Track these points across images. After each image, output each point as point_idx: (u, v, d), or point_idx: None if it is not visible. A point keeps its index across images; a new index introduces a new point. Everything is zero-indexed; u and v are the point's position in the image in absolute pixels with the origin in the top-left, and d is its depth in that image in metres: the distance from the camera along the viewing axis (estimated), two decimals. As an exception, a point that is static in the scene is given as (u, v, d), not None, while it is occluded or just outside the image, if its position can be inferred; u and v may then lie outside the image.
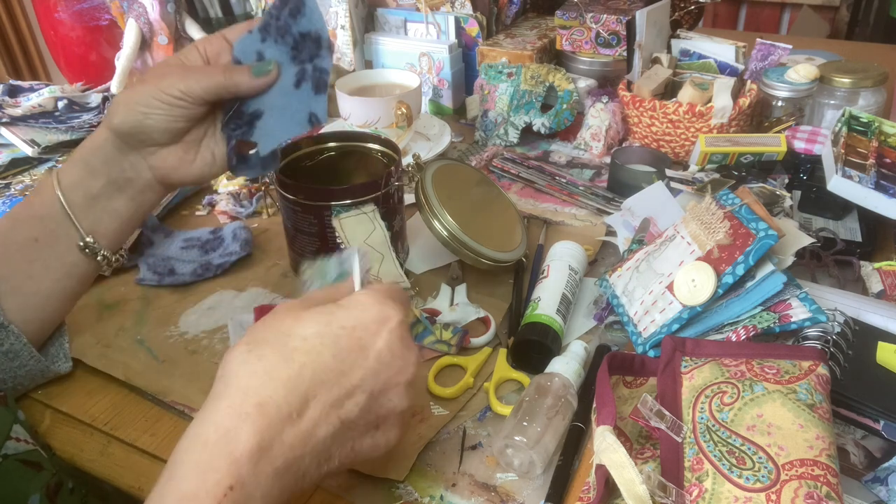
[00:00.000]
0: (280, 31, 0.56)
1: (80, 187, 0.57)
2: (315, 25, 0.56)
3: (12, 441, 0.51)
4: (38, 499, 0.51)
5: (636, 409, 0.49)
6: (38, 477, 0.52)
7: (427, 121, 1.06)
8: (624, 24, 1.01)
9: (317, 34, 0.57)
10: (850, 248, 0.72)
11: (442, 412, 0.58)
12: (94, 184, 0.57)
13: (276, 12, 0.56)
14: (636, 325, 0.61)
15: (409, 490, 0.52)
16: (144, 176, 0.58)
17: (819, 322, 0.56)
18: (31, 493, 0.51)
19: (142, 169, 0.58)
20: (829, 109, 0.92)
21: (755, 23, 2.60)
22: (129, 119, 0.55)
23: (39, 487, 0.51)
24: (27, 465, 0.52)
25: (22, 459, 0.52)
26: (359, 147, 0.77)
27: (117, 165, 0.57)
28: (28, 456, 0.52)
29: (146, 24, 1.05)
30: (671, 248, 0.63)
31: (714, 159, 0.84)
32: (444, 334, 0.64)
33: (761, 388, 0.47)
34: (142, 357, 0.66)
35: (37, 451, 0.53)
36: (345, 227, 0.67)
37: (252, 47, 0.57)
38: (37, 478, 0.52)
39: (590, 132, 0.99)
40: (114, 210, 0.58)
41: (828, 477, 0.42)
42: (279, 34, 0.56)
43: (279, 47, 0.56)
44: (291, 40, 0.56)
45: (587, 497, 0.48)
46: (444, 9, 1.11)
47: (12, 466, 0.51)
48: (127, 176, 0.58)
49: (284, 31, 0.56)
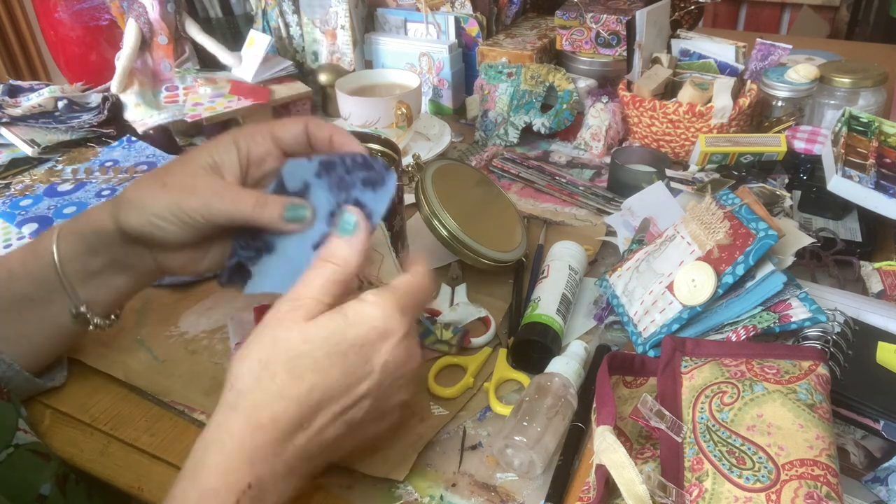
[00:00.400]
0: (341, 183, 0.50)
1: (79, 261, 0.55)
2: (375, 208, 0.49)
3: (21, 432, 0.52)
4: (49, 487, 0.51)
5: (636, 409, 0.49)
6: (47, 467, 0.52)
7: (427, 121, 1.06)
8: (624, 24, 1.01)
9: (370, 213, 0.49)
10: (850, 248, 0.72)
11: (442, 412, 0.58)
12: (94, 261, 0.55)
13: (349, 164, 0.50)
14: (636, 325, 0.61)
15: (409, 490, 0.52)
16: (148, 264, 0.56)
17: (819, 322, 0.56)
18: (42, 482, 0.51)
19: (147, 260, 0.55)
20: (829, 109, 0.92)
21: (755, 23, 2.60)
22: (138, 226, 0.52)
23: (50, 476, 0.52)
24: (36, 454, 0.52)
25: (32, 450, 0.52)
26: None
27: (121, 251, 0.55)
28: (36, 447, 0.53)
29: (146, 24, 1.05)
30: (671, 248, 0.63)
31: (714, 159, 0.84)
32: (445, 334, 0.64)
33: (761, 388, 0.47)
34: (142, 357, 0.66)
35: (43, 443, 0.53)
36: (345, 227, 0.67)
37: (302, 175, 0.51)
38: (46, 468, 0.52)
39: (590, 132, 0.99)
40: (113, 286, 0.57)
41: (828, 477, 0.42)
42: (338, 185, 0.50)
43: (328, 195, 0.50)
44: (344, 199, 0.50)
45: (587, 497, 0.48)
46: (444, 9, 1.11)
47: (24, 456, 0.51)
48: (130, 262, 0.56)
49: (345, 187, 0.50)
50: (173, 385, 0.62)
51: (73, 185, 0.89)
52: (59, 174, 0.93)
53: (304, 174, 0.52)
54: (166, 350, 0.66)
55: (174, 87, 1.06)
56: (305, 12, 1.17)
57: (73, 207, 0.84)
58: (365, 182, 0.50)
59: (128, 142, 0.98)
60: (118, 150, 0.97)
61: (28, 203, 0.85)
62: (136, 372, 0.63)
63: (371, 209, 0.49)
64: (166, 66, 1.08)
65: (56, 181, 0.91)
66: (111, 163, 0.94)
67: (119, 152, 0.97)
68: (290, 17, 1.18)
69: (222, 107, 1.01)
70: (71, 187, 0.89)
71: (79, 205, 0.85)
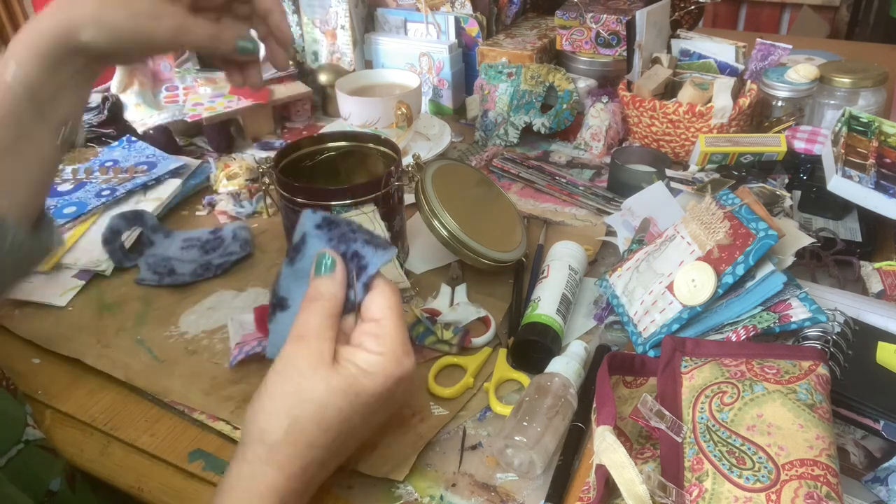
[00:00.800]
0: (343, 237, 0.52)
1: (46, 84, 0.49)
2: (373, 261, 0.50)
3: (30, 428, 0.52)
4: (58, 483, 0.51)
5: (636, 409, 0.49)
6: (57, 462, 0.52)
7: (427, 121, 1.06)
8: (624, 24, 1.01)
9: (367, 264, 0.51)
10: (850, 248, 0.72)
11: (442, 412, 0.58)
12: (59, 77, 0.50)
13: (355, 227, 0.52)
14: (636, 325, 0.61)
15: (409, 490, 0.52)
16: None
17: (819, 322, 0.56)
18: (52, 477, 0.51)
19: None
20: (829, 109, 0.92)
21: (755, 23, 2.60)
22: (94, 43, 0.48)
23: (60, 471, 0.52)
24: (46, 450, 0.53)
25: (41, 445, 0.52)
26: (359, 147, 0.77)
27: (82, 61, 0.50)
28: (45, 443, 0.53)
29: (146, 24, 1.05)
30: (671, 248, 0.63)
31: (714, 159, 0.84)
32: (445, 334, 0.64)
33: (761, 388, 0.47)
34: (142, 357, 0.66)
35: (49, 440, 0.54)
36: (345, 227, 0.67)
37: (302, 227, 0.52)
38: (56, 463, 0.52)
39: (590, 132, 0.99)
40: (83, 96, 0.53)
41: (828, 477, 0.42)
42: (339, 238, 0.52)
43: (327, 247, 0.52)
44: (343, 251, 0.51)
45: (587, 497, 0.48)
46: (444, 9, 1.11)
47: (34, 451, 0.51)
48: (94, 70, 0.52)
49: (346, 241, 0.51)
50: (173, 385, 0.62)
51: (73, 185, 0.89)
52: (59, 174, 0.93)
53: (305, 226, 0.53)
54: (166, 350, 0.66)
55: (174, 87, 1.06)
56: (305, 12, 1.17)
57: (73, 207, 0.84)
58: (367, 242, 0.52)
59: (128, 142, 0.98)
60: (118, 150, 0.97)
61: (28, 203, 0.85)
62: (136, 372, 0.63)
63: (369, 261, 0.51)
64: (166, 66, 1.08)
65: (56, 181, 0.91)
66: (111, 163, 0.94)
67: (119, 152, 0.97)
68: (291, 17, 1.18)
69: (222, 107, 1.01)
70: (71, 187, 0.89)
71: (79, 205, 0.85)
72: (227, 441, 0.57)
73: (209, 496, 0.53)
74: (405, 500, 0.52)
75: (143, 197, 0.89)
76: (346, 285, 0.50)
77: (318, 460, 0.45)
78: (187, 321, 0.70)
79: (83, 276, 0.77)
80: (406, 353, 0.48)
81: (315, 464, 0.45)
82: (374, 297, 0.49)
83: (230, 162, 0.97)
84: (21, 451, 0.50)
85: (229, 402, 0.60)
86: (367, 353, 0.47)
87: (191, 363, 0.65)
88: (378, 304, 0.49)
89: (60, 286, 0.75)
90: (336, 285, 0.49)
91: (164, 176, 0.91)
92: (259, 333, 0.63)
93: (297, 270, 0.52)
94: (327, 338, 0.47)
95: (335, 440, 0.45)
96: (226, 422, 0.58)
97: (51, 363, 0.66)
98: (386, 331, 0.48)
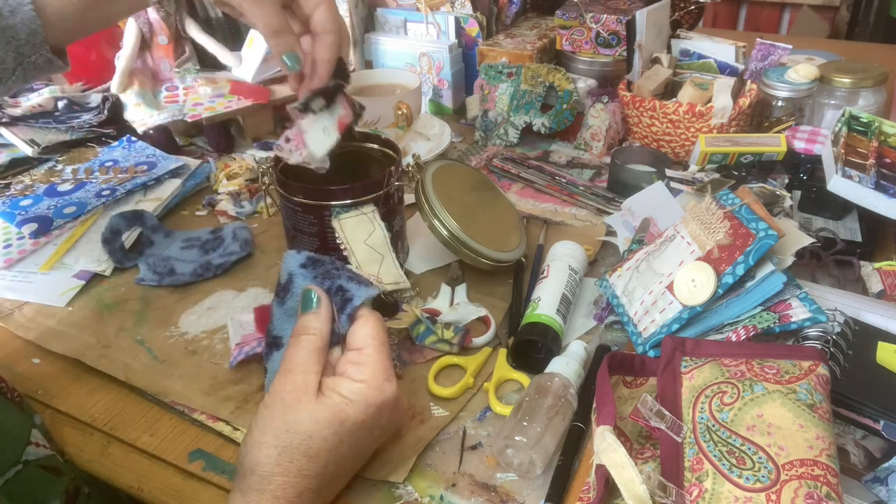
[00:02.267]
0: (327, 274, 0.54)
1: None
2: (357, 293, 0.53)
3: (32, 446, 0.51)
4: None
5: (636, 409, 0.49)
6: (58, 482, 0.52)
7: (427, 121, 1.06)
8: (624, 24, 1.01)
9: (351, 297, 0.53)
10: (850, 248, 0.72)
11: (442, 413, 0.58)
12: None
13: (339, 266, 0.54)
14: (636, 325, 0.61)
15: (409, 490, 0.52)
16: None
17: (819, 322, 0.56)
18: (50, 500, 0.51)
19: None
20: (829, 109, 0.92)
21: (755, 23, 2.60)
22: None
23: (60, 493, 0.52)
24: (47, 470, 0.52)
25: (42, 465, 0.52)
26: (359, 147, 0.77)
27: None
28: (48, 461, 0.52)
29: (146, 24, 1.05)
30: (671, 248, 0.63)
31: (714, 159, 0.84)
32: (446, 333, 0.64)
33: (761, 388, 0.47)
34: (142, 357, 0.66)
35: (55, 457, 0.53)
36: (344, 227, 0.67)
37: (288, 267, 0.55)
38: (57, 483, 0.52)
39: (590, 132, 0.99)
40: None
41: (828, 477, 0.42)
42: (324, 275, 0.54)
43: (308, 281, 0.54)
44: (328, 287, 0.53)
45: (587, 497, 0.48)
46: (444, 9, 1.11)
47: (32, 472, 0.51)
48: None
49: (330, 277, 0.54)
50: (173, 385, 0.62)
51: (73, 185, 0.89)
52: (59, 174, 0.93)
53: (290, 266, 0.55)
54: (166, 350, 0.66)
55: (174, 87, 1.06)
56: (305, 12, 1.17)
57: (73, 207, 0.84)
58: (350, 278, 0.54)
59: (128, 142, 0.98)
60: (118, 150, 0.97)
61: (28, 203, 0.85)
62: (136, 372, 0.63)
63: (353, 294, 0.53)
64: (166, 66, 1.08)
65: (56, 181, 0.91)
66: (111, 163, 0.94)
67: (119, 152, 0.97)
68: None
69: (222, 107, 1.01)
70: (71, 187, 0.89)
71: (79, 205, 0.85)
72: (227, 441, 0.57)
73: (209, 496, 0.53)
74: (405, 499, 0.52)
75: (143, 197, 0.89)
76: (331, 320, 0.52)
77: (311, 488, 0.46)
78: (187, 321, 0.70)
79: (83, 276, 0.77)
80: (387, 378, 0.49)
81: (309, 491, 0.46)
82: (358, 326, 0.52)
83: (230, 162, 0.97)
84: (19, 472, 0.50)
85: (229, 402, 0.60)
86: (350, 381, 0.49)
87: (191, 363, 0.65)
88: (361, 333, 0.51)
89: (60, 286, 0.75)
90: (321, 320, 0.51)
91: (164, 176, 0.91)
92: (259, 334, 0.63)
93: (287, 309, 0.55)
94: (313, 371, 0.49)
95: (325, 468, 0.47)
96: (226, 422, 0.58)
97: (51, 363, 0.66)
98: (368, 359, 0.50)
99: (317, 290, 0.52)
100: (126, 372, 0.63)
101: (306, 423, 0.46)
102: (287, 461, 0.46)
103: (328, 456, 0.47)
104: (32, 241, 0.80)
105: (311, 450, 0.46)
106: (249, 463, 0.46)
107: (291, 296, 0.54)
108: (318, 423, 0.47)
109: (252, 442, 0.47)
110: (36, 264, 0.78)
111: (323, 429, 0.47)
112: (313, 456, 0.46)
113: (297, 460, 0.46)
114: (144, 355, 0.66)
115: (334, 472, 0.48)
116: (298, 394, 0.47)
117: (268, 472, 0.45)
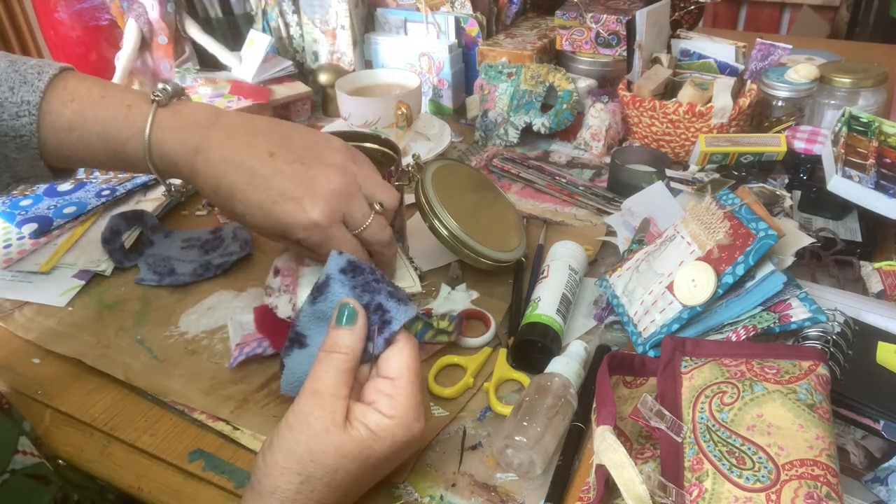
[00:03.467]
0: (367, 286, 0.52)
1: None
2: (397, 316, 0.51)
3: (19, 455, 0.51)
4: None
5: (636, 409, 0.49)
6: (45, 491, 0.51)
7: (427, 121, 1.06)
8: (624, 24, 1.01)
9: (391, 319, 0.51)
10: (850, 248, 0.72)
11: (442, 413, 0.58)
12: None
13: (379, 276, 0.52)
14: (636, 325, 0.61)
15: (409, 490, 0.52)
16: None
17: (819, 322, 0.56)
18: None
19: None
20: (829, 109, 0.92)
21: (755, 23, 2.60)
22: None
23: (47, 502, 0.51)
24: (34, 479, 0.51)
25: (29, 474, 0.51)
26: (359, 147, 0.77)
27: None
28: (35, 470, 0.51)
29: (146, 24, 1.05)
30: (671, 248, 0.63)
31: (714, 159, 0.84)
32: (441, 323, 0.64)
33: (761, 388, 0.47)
34: (142, 357, 0.66)
35: (43, 465, 0.52)
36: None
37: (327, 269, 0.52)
38: (44, 492, 0.51)
39: (590, 132, 0.99)
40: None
41: (828, 477, 0.42)
42: (363, 287, 0.52)
43: (350, 293, 0.52)
44: (367, 302, 0.51)
45: (587, 497, 0.48)
46: (444, 9, 1.11)
47: (19, 482, 0.50)
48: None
49: (370, 290, 0.52)
50: (173, 385, 0.62)
51: (72, 185, 0.89)
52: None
53: (330, 268, 0.52)
54: (166, 350, 0.66)
55: (174, 87, 1.06)
56: (305, 12, 1.17)
57: (73, 207, 0.84)
58: (391, 294, 0.52)
59: (128, 142, 0.98)
60: (118, 150, 0.97)
61: (28, 203, 0.85)
62: (136, 372, 0.63)
63: (393, 316, 0.51)
64: (166, 66, 1.08)
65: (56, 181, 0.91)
66: (111, 163, 0.94)
67: (119, 152, 0.97)
68: (290, 17, 1.18)
69: (222, 107, 1.01)
70: (71, 187, 0.89)
71: (79, 205, 0.85)
72: (227, 441, 0.57)
73: (209, 496, 0.53)
74: (405, 499, 0.52)
75: (143, 197, 0.89)
76: (365, 338, 0.50)
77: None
78: (187, 321, 0.70)
79: (83, 276, 0.77)
80: (417, 417, 0.48)
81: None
82: (394, 352, 0.50)
83: (230, 162, 0.97)
84: (6, 482, 0.49)
85: (229, 402, 0.60)
86: (380, 415, 0.47)
87: (191, 363, 0.65)
88: (396, 361, 0.50)
89: (60, 286, 0.75)
90: (355, 339, 0.50)
91: (164, 176, 0.91)
92: (259, 334, 0.63)
93: (317, 311, 0.53)
94: (341, 395, 0.48)
95: (345, 497, 0.48)
96: (226, 422, 0.58)
97: (51, 363, 0.66)
98: (401, 391, 0.49)
99: (355, 304, 0.51)
100: (126, 372, 0.63)
101: (332, 455, 0.46)
102: (309, 490, 0.46)
103: (349, 487, 0.47)
104: (32, 241, 0.80)
105: (334, 482, 0.46)
106: (269, 485, 0.46)
107: (325, 299, 0.52)
108: (345, 457, 0.46)
109: (274, 464, 0.46)
110: (36, 264, 0.78)
111: (348, 463, 0.46)
112: (335, 488, 0.46)
113: (318, 490, 0.46)
114: (144, 355, 0.66)
115: (350, 497, 0.49)
116: (326, 422, 0.46)
117: (288, 497, 0.45)
